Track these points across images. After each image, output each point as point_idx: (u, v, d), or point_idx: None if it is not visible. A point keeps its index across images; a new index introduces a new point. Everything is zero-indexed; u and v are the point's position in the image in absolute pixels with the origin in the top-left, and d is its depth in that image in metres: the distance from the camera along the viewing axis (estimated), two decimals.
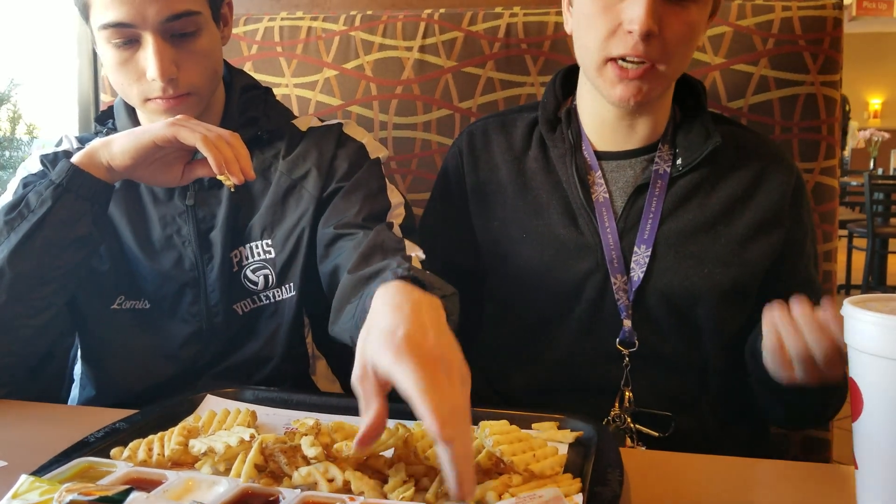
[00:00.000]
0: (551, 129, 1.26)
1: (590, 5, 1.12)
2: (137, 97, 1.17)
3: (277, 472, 0.77)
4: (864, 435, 0.73)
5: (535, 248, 1.22)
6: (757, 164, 1.21)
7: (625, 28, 1.08)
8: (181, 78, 1.15)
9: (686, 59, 1.15)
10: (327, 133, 1.30)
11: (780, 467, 0.90)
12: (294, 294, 1.24)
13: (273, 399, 1.01)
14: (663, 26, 1.08)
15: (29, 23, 2.60)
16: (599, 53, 1.12)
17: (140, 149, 1.08)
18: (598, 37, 1.11)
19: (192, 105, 1.18)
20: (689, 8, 1.09)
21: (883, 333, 0.69)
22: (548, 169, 1.25)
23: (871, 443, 0.72)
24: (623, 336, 1.17)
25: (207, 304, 1.23)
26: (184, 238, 1.23)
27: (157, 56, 1.11)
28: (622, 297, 1.17)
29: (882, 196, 5.65)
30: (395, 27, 1.63)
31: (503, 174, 1.28)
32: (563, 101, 1.29)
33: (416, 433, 0.79)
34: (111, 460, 0.80)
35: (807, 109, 1.44)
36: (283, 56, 1.68)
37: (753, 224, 1.18)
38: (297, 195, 1.24)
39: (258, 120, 1.29)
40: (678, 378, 1.18)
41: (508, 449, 0.75)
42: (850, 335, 0.73)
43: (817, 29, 1.44)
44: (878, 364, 0.70)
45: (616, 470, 0.76)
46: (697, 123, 1.22)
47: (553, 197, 1.23)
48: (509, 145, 1.30)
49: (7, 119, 2.89)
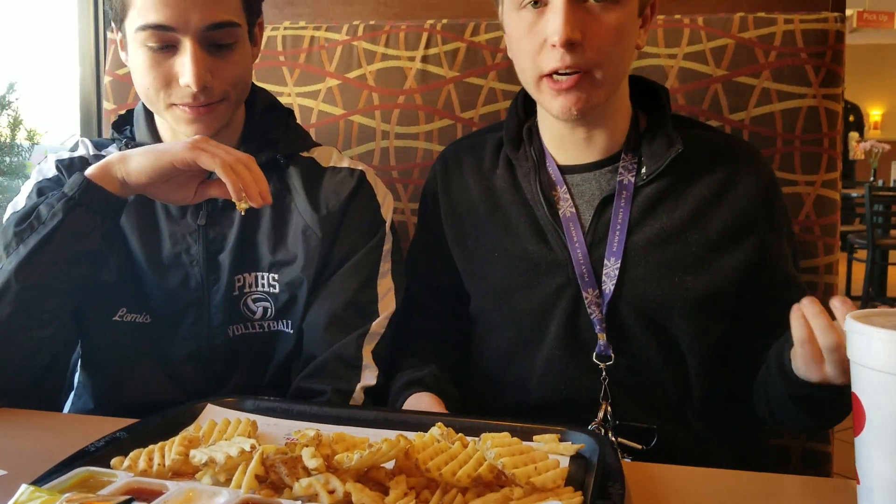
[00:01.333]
0: (515, 148, 1.28)
1: (517, 28, 1.14)
2: (163, 102, 1.17)
3: (278, 483, 0.77)
4: (865, 450, 0.72)
5: (506, 267, 1.23)
6: (725, 168, 1.20)
7: (549, 42, 1.09)
8: (214, 87, 1.15)
9: (622, 62, 1.15)
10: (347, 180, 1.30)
11: (781, 480, 0.90)
12: (291, 332, 1.25)
13: (273, 409, 1.00)
14: (586, 33, 1.08)
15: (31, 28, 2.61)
16: (533, 72, 1.14)
17: (158, 169, 1.08)
18: (529, 56, 1.13)
19: (219, 116, 1.19)
20: (609, 10, 1.09)
21: (886, 349, 0.69)
22: (515, 187, 1.26)
23: (873, 458, 0.72)
24: (599, 350, 1.17)
25: (209, 325, 1.23)
26: (192, 257, 1.22)
27: (194, 62, 1.12)
28: (595, 310, 1.17)
29: (882, 207, 5.66)
30: (398, 37, 1.63)
31: (474, 194, 1.30)
32: (524, 120, 1.30)
33: (416, 445, 0.79)
34: (111, 470, 0.79)
35: (808, 122, 1.44)
36: (286, 65, 1.68)
37: (725, 229, 1.17)
38: (307, 242, 1.24)
39: (277, 143, 1.29)
40: (659, 388, 1.18)
41: (510, 462, 0.75)
42: (853, 350, 0.73)
43: (819, 42, 1.44)
44: (880, 379, 0.70)
45: (617, 483, 0.76)
46: (661, 130, 1.21)
47: (521, 215, 1.24)
48: (478, 166, 1.32)
49: (7, 125, 2.89)
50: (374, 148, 1.63)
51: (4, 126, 2.83)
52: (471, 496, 0.75)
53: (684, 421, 1.18)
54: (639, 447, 1.14)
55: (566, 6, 1.07)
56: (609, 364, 1.16)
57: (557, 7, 1.07)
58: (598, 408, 1.16)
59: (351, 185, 1.29)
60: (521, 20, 1.13)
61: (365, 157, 1.63)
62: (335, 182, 1.29)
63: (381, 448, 0.76)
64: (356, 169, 1.32)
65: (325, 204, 1.26)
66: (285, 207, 1.26)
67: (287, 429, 0.96)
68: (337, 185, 1.29)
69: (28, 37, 2.56)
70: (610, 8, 1.09)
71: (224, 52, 1.16)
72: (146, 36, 1.12)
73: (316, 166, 1.31)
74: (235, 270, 1.23)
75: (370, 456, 0.75)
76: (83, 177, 1.08)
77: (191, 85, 1.12)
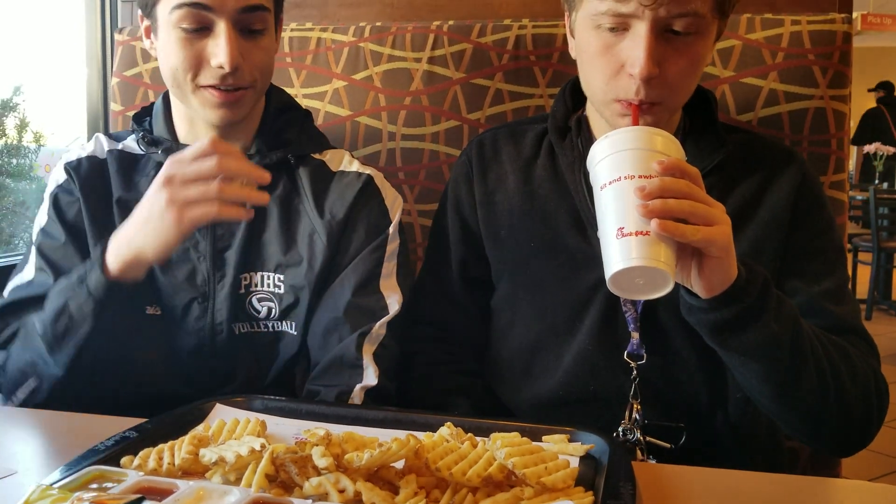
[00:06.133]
0: (561, 138, 1.25)
1: (590, 45, 1.09)
2: (191, 84, 1.18)
3: (288, 483, 0.77)
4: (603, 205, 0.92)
5: (543, 258, 1.21)
6: (762, 172, 1.19)
7: (626, 71, 1.05)
8: (244, 71, 1.18)
9: (692, 87, 1.13)
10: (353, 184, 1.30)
11: (791, 482, 0.89)
12: (295, 334, 1.26)
13: (282, 409, 1.00)
14: (665, 65, 1.05)
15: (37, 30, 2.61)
16: (605, 94, 1.10)
17: (172, 245, 1.08)
18: (602, 78, 1.09)
19: (245, 103, 1.21)
20: (690, 43, 1.06)
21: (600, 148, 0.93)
22: (556, 177, 1.24)
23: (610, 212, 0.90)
24: (631, 349, 1.15)
25: (213, 320, 1.24)
26: (200, 253, 1.24)
27: (228, 43, 1.14)
28: (630, 308, 1.16)
29: (887, 210, 5.65)
30: (405, 38, 1.63)
31: (511, 183, 1.27)
32: (572, 111, 1.28)
33: (426, 444, 0.79)
34: (122, 469, 0.79)
35: (816, 123, 1.44)
36: (293, 66, 1.68)
37: (761, 229, 1.15)
38: (312, 245, 1.25)
39: (290, 143, 1.30)
40: (690, 390, 1.16)
41: (520, 461, 0.75)
42: (595, 177, 0.95)
43: (826, 43, 1.44)
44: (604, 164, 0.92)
45: (629, 483, 0.76)
46: (708, 133, 1.20)
47: (561, 206, 1.22)
48: (518, 154, 1.29)
49: (14, 127, 2.90)
50: (381, 149, 1.64)
51: (11, 128, 2.84)
52: (481, 496, 0.74)
53: (711, 424, 1.16)
54: (668, 446, 1.13)
55: (650, 38, 1.02)
56: (641, 363, 1.15)
57: (640, 37, 1.03)
58: (625, 406, 1.15)
59: (356, 189, 1.29)
60: (597, 39, 1.08)
61: (371, 158, 1.63)
62: (341, 187, 1.29)
63: (392, 447, 0.76)
64: (364, 173, 1.32)
65: (330, 209, 1.27)
66: (294, 209, 1.27)
67: (296, 428, 0.96)
68: (343, 189, 1.29)
69: (35, 39, 2.56)
70: (691, 41, 1.05)
71: (255, 38, 1.19)
72: (182, 15, 1.14)
73: (326, 170, 1.31)
74: (241, 268, 1.24)
75: (380, 455, 0.75)
76: (105, 279, 1.08)
77: (224, 65, 1.14)
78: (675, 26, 1.04)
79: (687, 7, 1.02)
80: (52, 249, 1.24)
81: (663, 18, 1.02)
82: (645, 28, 1.02)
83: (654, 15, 1.02)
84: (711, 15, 1.06)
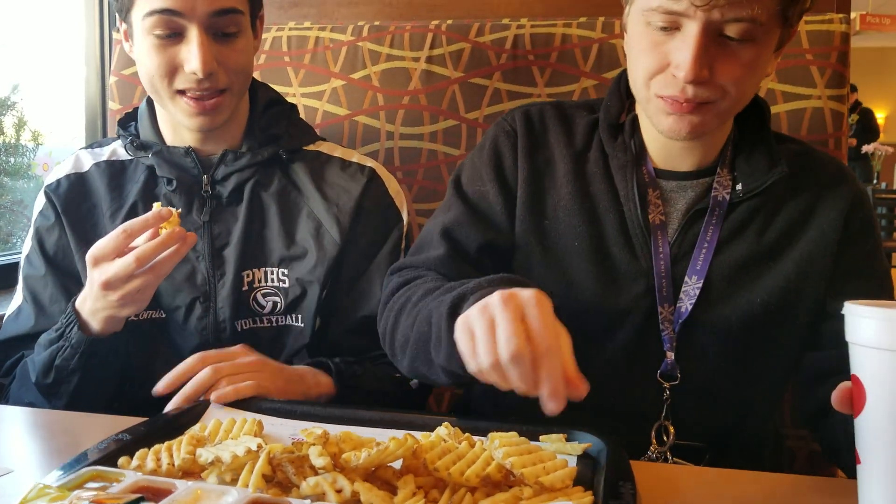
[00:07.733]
0: (612, 137, 1.16)
1: (639, 40, 1.04)
2: (169, 90, 1.18)
3: (285, 483, 0.76)
4: (867, 429, 0.73)
5: (585, 260, 1.13)
6: (813, 190, 1.13)
7: (670, 71, 1.00)
8: (218, 75, 1.17)
9: (749, 94, 1.07)
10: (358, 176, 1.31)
11: (790, 481, 0.89)
12: (302, 326, 1.26)
13: (278, 409, 1.00)
14: (716, 69, 0.99)
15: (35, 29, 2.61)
16: (646, 91, 1.05)
17: (141, 308, 1.12)
18: (645, 74, 1.04)
19: (222, 109, 1.20)
20: (746, 48, 0.99)
21: (881, 326, 0.70)
22: (608, 178, 1.15)
23: (875, 435, 0.72)
24: (664, 368, 1.10)
25: (216, 319, 1.24)
26: (198, 253, 1.24)
27: (200, 49, 1.13)
28: (667, 327, 1.10)
29: (885, 210, 5.65)
30: (403, 38, 1.63)
31: (560, 172, 1.17)
32: (626, 106, 1.19)
33: (424, 444, 0.79)
34: (119, 469, 0.79)
35: (814, 123, 1.44)
36: (291, 66, 1.68)
37: (809, 248, 1.10)
38: (319, 238, 1.26)
39: (280, 138, 1.30)
40: (720, 412, 1.12)
41: (518, 461, 0.75)
42: (851, 332, 0.74)
43: (824, 43, 1.44)
44: (879, 357, 0.71)
45: (628, 483, 0.76)
46: (760, 146, 1.12)
47: (610, 209, 1.14)
48: (569, 140, 1.19)
49: (12, 125, 2.89)
50: (379, 148, 1.63)
51: (9, 126, 2.83)
52: (480, 496, 0.74)
53: (729, 443, 1.13)
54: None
55: (699, 41, 0.96)
56: (674, 384, 1.10)
57: (690, 39, 0.97)
58: (647, 425, 1.11)
59: (362, 182, 1.30)
60: (646, 35, 1.02)
61: (369, 157, 1.63)
62: (345, 178, 1.30)
63: (389, 447, 0.76)
64: (366, 165, 1.33)
65: (337, 201, 1.28)
66: (292, 203, 1.28)
67: (292, 428, 0.96)
68: (347, 181, 1.30)
69: (33, 37, 2.56)
70: (747, 46, 0.99)
71: (229, 41, 1.18)
72: (153, 22, 1.14)
73: (321, 157, 1.32)
74: (242, 266, 1.24)
75: (378, 455, 0.75)
76: (84, 337, 1.10)
77: (196, 72, 1.14)
78: (729, 31, 0.98)
79: (743, 11, 0.95)
80: (34, 280, 1.27)
81: (716, 21, 0.96)
82: (696, 29, 0.97)
83: (706, 16, 0.96)
84: (772, 22, 0.99)
